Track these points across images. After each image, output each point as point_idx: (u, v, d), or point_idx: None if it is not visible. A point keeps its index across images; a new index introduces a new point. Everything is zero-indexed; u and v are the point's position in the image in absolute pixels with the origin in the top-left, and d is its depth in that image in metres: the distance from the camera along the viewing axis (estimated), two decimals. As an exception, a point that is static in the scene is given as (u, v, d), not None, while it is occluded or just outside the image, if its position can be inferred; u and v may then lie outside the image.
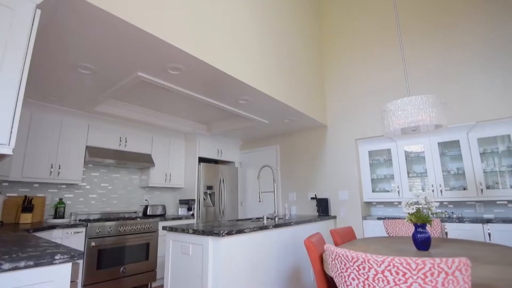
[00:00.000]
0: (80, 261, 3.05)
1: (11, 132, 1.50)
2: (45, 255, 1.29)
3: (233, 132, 4.77)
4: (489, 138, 3.30)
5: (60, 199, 3.47)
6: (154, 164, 4.21)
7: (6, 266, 1.16)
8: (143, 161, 4.08)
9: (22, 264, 1.20)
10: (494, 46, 3.26)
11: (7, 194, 3.18)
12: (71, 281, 1.42)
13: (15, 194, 3.24)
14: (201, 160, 4.87)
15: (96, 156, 3.59)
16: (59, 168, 3.35)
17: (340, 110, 4.34)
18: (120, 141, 3.96)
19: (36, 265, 1.24)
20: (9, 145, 1.51)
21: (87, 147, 3.62)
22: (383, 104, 3.69)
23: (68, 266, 1.36)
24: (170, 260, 2.52)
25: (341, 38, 4.51)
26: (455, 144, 3.49)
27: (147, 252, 3.65)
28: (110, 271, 3.26)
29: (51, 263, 1.29)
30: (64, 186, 3.65)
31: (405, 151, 3.77)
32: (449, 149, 3.57)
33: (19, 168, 3.05)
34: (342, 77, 4.40)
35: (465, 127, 3.31)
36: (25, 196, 3.15)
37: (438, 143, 3.52)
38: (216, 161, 5.30)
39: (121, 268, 3.36)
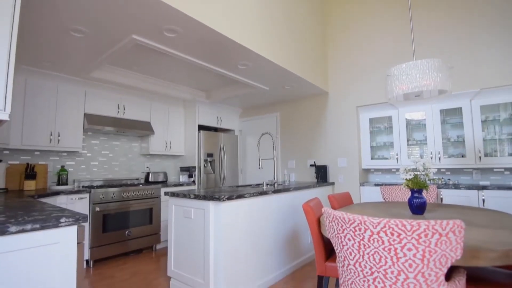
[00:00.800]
0: (85, 224, 3.17)
1: (5, 97, 1.48)
2: (50, 219, 1.32)
3: (232, 99, 4.70)
4: (492, 106, 3.26)
5: (62, 166, 3.51)
6: (153, 132, 4.21)
7: (13, 228, 1.20)
8: (143, 129, 4.06)
9: (29, 226, 1.24)
10: (502, 15, 3.11)
11: (9, 162, 3.21)
12: (78, 243, 1.48)
13: (17, 162, 3.28)
14: (201, 128, 4.86)
15: (94, 123, 3.57)
16: (59, 136, 3.35)
17: (342, 77, 4.23)
18: (118, 108, 3.92)
19: (42, 227, 1.28)
20: (5, 110, 1.49)
21: (85, 115, 3.58)
22: (386, 71, 3.60)
23: (73, 229, 1.40)
24: (173, 224, 2.61)
25: (346, 4, 4.27)
26: (457, 111, 3.45)
27: (150, 216, 3.78)
28: (115, 234, 3.40)
29: (56, 225, 1.32)
30: (65, 154, 3.67)
31: (406, 119, 3.74)
32: (450, 116, 3.54)
33: (18, 136, 3.05)
34: (346, 43, 4.23)
35: (469, 94, 3.25)
36: (27, 164, 3.18)
37: (440, 110, 3.48)
38: (215, 129, 5.30)
39: (126, 232, 3.50)
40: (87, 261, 3.19)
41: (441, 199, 3.25)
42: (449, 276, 1.25)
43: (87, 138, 3.90)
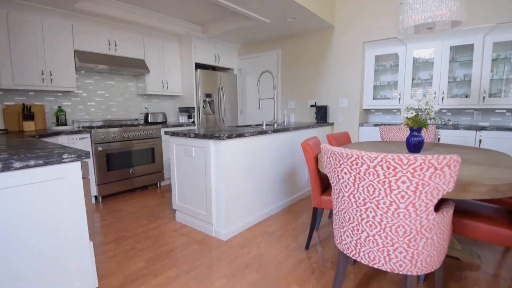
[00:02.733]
0: (88, 160, 3.27)
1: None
2: (53, 155, 1.34)
3: (231, 34, 4.40)
4: (505, 43, 3.08)
5: (59, 107, 3.46)
6: (148, 70, 4.04)
7: (17, 164, 1.22)
8: (137, 67, 3.90)
9: (32, 162, 1.26)
10: None
11: (4, 103, 3.15)
12: (83, 178, 1.53)
13: (12, 103, 3.22)
14: (198, 66, 4.66)
15: (86, 61, 3.40)
16: (51, 75, 3.22)
17: (350, 8, 3.89)
18: (110, 44, 3.69)
19: (46, 163, 1.31)
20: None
21: (75, 52, 3.39)
22: (398, 2, 3.30)
23: (77, 164, 1.43)
24: (175, 161, 2.68)
25: None
26: (468, 48, 3.27)
27: (152, 155, 3.88)
28: (120, 172, 3.53)
29: (60, 161, 1.35)
30: (61, 94, 3.59)
31: (414, 57, 3.56)
32: (460, 54, 3.37)
33: (9, 75, 2.93)
34: (356, -34, 3.78)
35: (483, 29, 3.03)
36: (23, 104, 3.13)
37: (451, 47, 3.29)
38: (213, 68, 5.09)
39: (130, 170, 3.63)
40: (95, 197, 3.38)
41: (439, 139, 3.29)
42: (438, 207, 1.32)
43: (81, 77, 3.76)
